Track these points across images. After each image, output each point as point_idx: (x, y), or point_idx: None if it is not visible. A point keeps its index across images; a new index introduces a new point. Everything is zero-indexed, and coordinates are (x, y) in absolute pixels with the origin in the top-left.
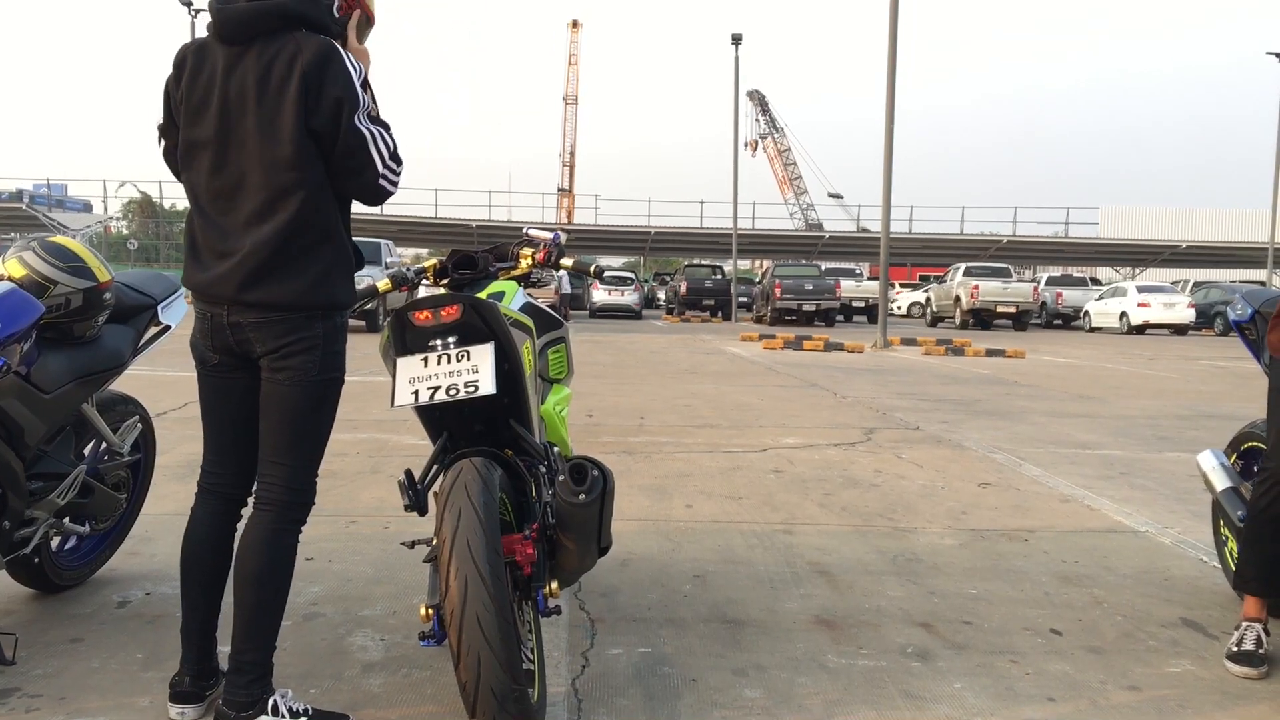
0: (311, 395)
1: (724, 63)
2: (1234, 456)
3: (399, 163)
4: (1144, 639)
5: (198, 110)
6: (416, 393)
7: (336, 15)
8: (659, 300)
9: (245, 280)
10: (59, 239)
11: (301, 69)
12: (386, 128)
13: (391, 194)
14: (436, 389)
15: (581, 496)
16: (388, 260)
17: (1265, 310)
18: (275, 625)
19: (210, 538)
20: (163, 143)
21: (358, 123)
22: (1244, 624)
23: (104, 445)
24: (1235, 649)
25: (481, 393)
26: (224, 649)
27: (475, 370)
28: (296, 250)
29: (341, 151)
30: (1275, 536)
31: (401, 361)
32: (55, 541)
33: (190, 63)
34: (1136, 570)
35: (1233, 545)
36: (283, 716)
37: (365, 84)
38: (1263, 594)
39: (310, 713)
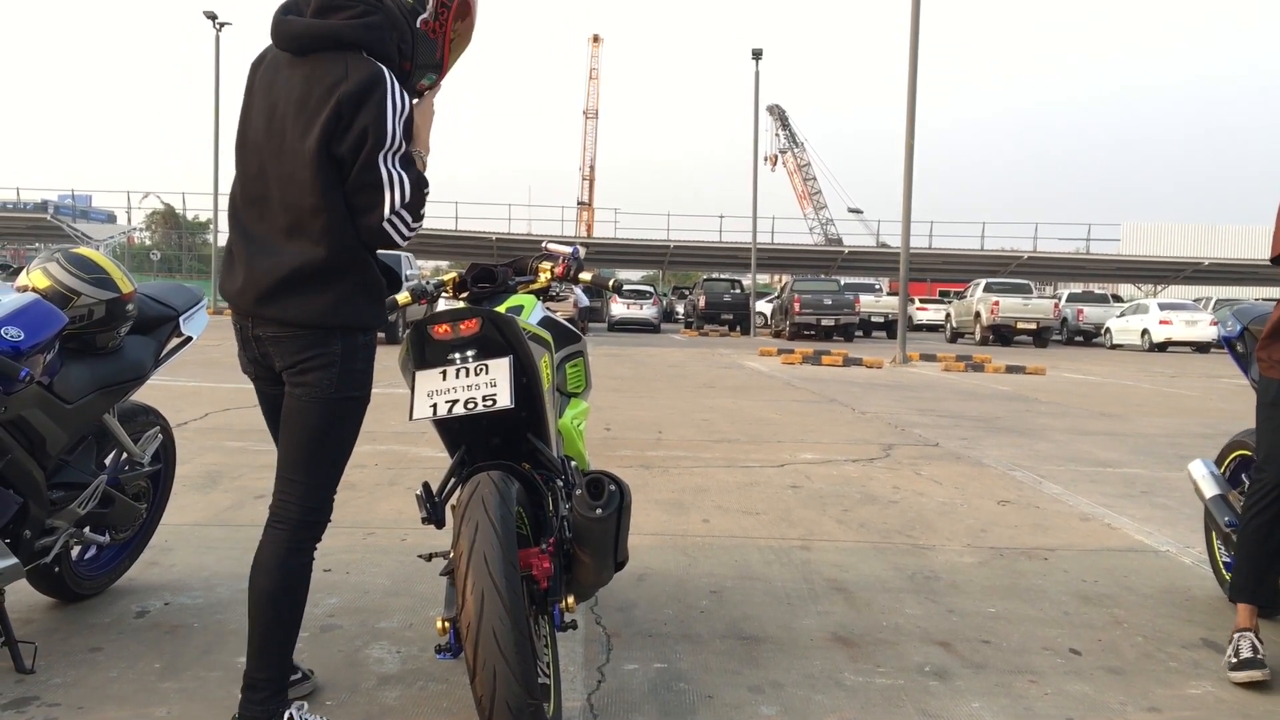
0: (328, 412)
1: (744, 77)
2: (1224, 465)
3: (414, 216)
4: (1164, 660)
5: (247, 109)
6: (435, 406)
7: (429, 37)
8: (677, 314)
9: (263, 295)
10: (82, 250)
11: (339, 94)
12: (419, 180)
13: (397, 244)
14: (455, 402)
15: (598, 511)
16: (407, 273)
17: (1254, 327)
18: (290, 643)
19: (276, 559)
20: None
21: (380, 160)
22: (1236, 635)
23: (125, 455)
24: (1235, 660)
25: (499, 406)
26: (239, 660)
27: (493, 384)
28: (316, 273)
29: (353, 185)
30: (1267, 545)
31: (420, 375)
32: (75, 551)
33: (265, 61)
34: (1157, 590)
35: (1218, 549)
36: None
37: (407, 125)
38: (1255, 601)
39: None
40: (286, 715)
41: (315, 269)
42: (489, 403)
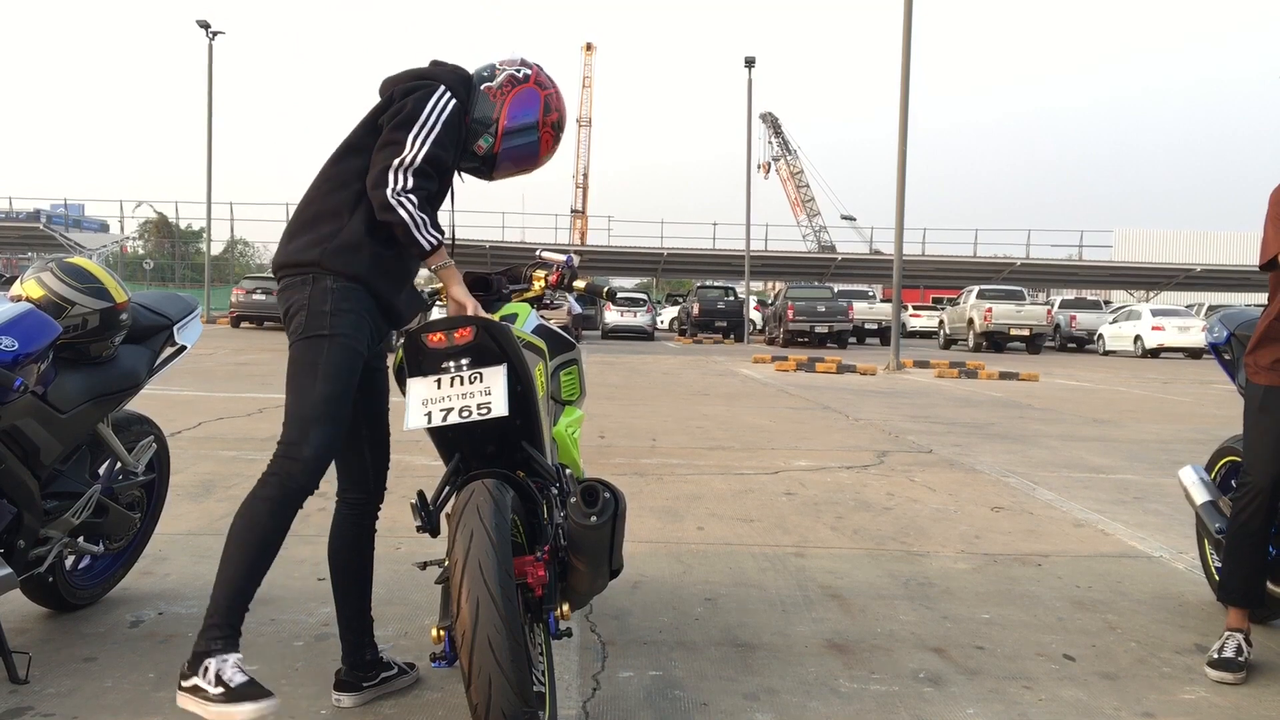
0: (300, 353)
1: (737, 85)
2: (1215, 471)
3: (415, 187)
4: (1158, 665)
5: None
6: (430, 414)
7: (490, 99)
8: (660, 323)
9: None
10: (77, 260)
11: (395, 88)
12: (434, 160)
13: (386, 200)
14: (449, 411)
15: (593, 519)
16: None
17: (1241, 333)
18: (244, 587)
19: (343, 539)
20: None
21: (410, 129)
22: (1226, 633)
23: (119, 465)
24: (1216, 656)
25: (494, 415)
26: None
27: (488, 392)
28: (308, 218)
29: (381, 143)
30: (1254, 548)
31: (414, 383)
32: (69, 560)
33: None
34: (1150, 596)
35: (1210, 554)
36: (209, 682)
37: (449, 122)
38: (1244, 604)
39: (235, 687)
40: (208, 664)
41: (309, 214)
42: (484, 411)
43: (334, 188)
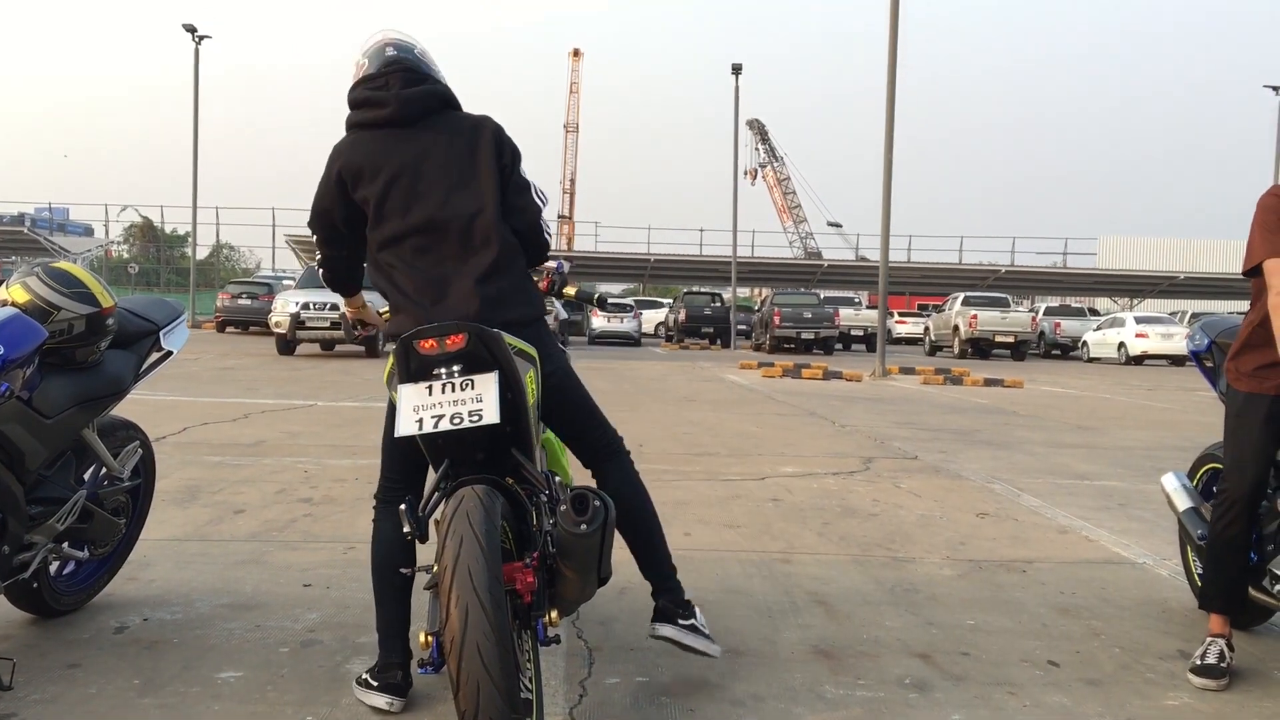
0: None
1: (724, 91)
2: (1197, 477)
3: (546, 204)
4: (1142, 671)
5: (387, 184)
6: (421, 421)
7: None
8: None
9: None
10: (63, 264)
11: (492, 128)
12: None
13: (550, 249)
14: (441, 418)
15: (583, 526)
16: None
17: (1222, 340)
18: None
19: (396, 538)
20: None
21: (522, 170)
22: (1209, 639)
23: (104, 470)
24: (1199, 663)
25: (485, 422)
26: (219, 675)
27: (479, 399)
28: (491, 285)
29: (512, 189)
30: (1236, 554)
31: (406, 389)
32: (54, 566)
33: (355, 142)
34: (1134, 602)
35: (1193, 561)
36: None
37: None
38: (1226, 611)
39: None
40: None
41: (495, 283)
42: (475, 418)
43: (500, 248)
